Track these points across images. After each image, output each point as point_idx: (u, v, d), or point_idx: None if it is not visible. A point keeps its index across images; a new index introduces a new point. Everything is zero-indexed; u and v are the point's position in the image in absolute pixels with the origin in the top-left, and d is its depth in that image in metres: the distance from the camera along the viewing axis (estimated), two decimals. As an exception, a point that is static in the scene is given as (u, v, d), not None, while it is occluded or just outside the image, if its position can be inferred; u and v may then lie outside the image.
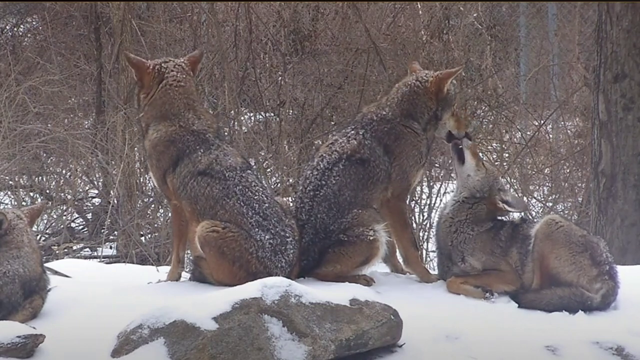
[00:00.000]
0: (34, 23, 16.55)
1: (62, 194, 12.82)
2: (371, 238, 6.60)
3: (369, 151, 6.71)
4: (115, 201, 11.95)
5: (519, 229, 6.65)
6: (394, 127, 6.78)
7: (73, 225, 12.80)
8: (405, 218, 6.95)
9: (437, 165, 12.78)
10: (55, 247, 11.51)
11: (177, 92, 6.68)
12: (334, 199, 6.65)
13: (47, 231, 12.29)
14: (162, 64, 6.73)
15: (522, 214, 6.96)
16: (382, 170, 6.72)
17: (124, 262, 10.44)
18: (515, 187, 12.67)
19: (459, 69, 7.25)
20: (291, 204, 6.91)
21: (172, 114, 6.64)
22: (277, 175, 12.98)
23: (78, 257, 11.47)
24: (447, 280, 6.63)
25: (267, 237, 6.43)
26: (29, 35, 16.59)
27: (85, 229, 12.84)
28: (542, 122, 13.62)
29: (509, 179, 12.64)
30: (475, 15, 14.67)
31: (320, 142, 12.99)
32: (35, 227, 12.44)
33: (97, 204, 13.00)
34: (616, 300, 6.46)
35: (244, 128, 13.19)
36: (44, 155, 13.54)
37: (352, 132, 6.79)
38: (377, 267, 6.91)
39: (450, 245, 6.68)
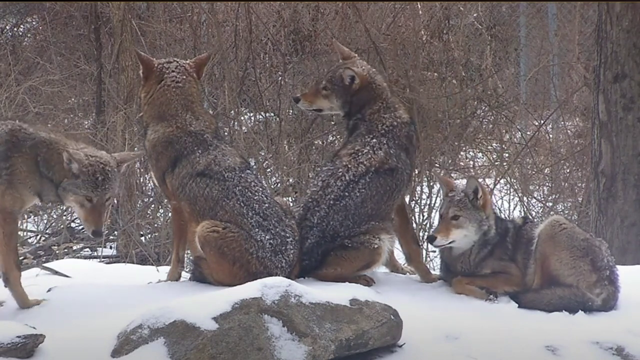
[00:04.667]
0: (34, 23, 16.56)
1: (62, 194, 12.79)
2: (375, 246, 6.61)
3: (396, 159, 6.73)
4: (115, 201, 11.95)
5: (522, 231, 6.64)
6: (410, 129, 6.85)
7: (73, 225, 12.79)
8: (406, 214, 7.04)
9: (437, 165, 12.78)
10: (55, 247, 11.50)
11: (174, 92, 6.68)
12: (355, 211, 6.64)
13: (47, 231, 12.28)
14: (165, 64, 6.74)
15: (522, 213, 6.99)
16: (406, 175, 6.77)
17: (124, 262, 10.43)
18: (515, 187, 12.66)
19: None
20: (291, 204, 6.91)
21: (169, 114, 6.64)
22: (277, 175, 12.97)
23: (78, 257, 11.46)
24: (453, 280, 6.61)
25: (267, 237, 6.43)
26: (29, 35, 16.60)
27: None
28: (542, 122, 13.61)
29: (509, 179, 12.64)
30: (475, 15, 14.66)
31: (320, 142, 13.01)
32: (36, 226, 12.46)
33: (97, 204, 12.98)
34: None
35: (244, 128, 13.18)
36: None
37: (374, 140, 6.74)
38: (377, 268, 6.90)
39: (462, 267, 6.66)
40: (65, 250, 11.58)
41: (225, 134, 12.23)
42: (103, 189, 6.03)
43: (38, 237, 12.18)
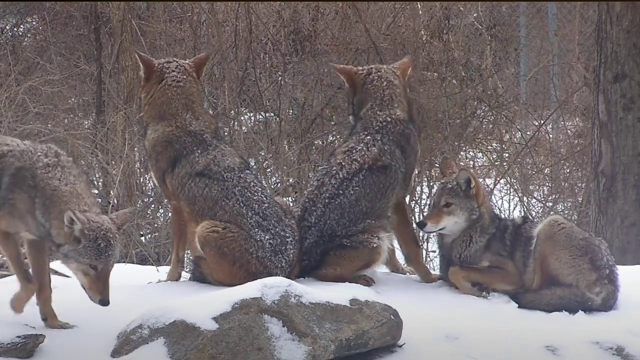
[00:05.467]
0: (34, 23, 16.55)
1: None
2: (374, 245, 6.59)
3: (389, 156, 6.70)
4: (115, 201, 11.95)
5: (521, 230, 6.64)
6: (406, 127, 6.81)
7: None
8: (406, 215, 6.99)
9: (437, 165, 12.78)
10: (56, 247, 11.47)
11: (175, 92, 6.68)
12: (349, 209, 6.63)
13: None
14: (165, 64, 6.74)
15: (522, 213, 6.97)
16: (401, 173, 6.73)
17: (124, 262, 10.42)
18: (515, 187, 12.67)
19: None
20: (291, 204, 6.90)
21: (169, 114, 6.65)
22: (277, 175, 12.97)
23: (78, 257, 11.42)
24: (450, 269, 6.60)
25: (267, 237, 6.43)
26: (29, 35, 16.60)
27: (85, 229, 12.79)
28: (542, 122, 13.62)
29: (509, 179, 12.64)
30: (475, 15, 14.66)
31: (320, 142, 13.00)
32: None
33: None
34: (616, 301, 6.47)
35: (244, 128, 13.19)
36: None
37: (369, 137, 6.72)
38: (377, 267, 6.90)
39: (459, 257, 6.66)
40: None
41: (225, 134, 12.23)
42: (107, 256, 5.65)
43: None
